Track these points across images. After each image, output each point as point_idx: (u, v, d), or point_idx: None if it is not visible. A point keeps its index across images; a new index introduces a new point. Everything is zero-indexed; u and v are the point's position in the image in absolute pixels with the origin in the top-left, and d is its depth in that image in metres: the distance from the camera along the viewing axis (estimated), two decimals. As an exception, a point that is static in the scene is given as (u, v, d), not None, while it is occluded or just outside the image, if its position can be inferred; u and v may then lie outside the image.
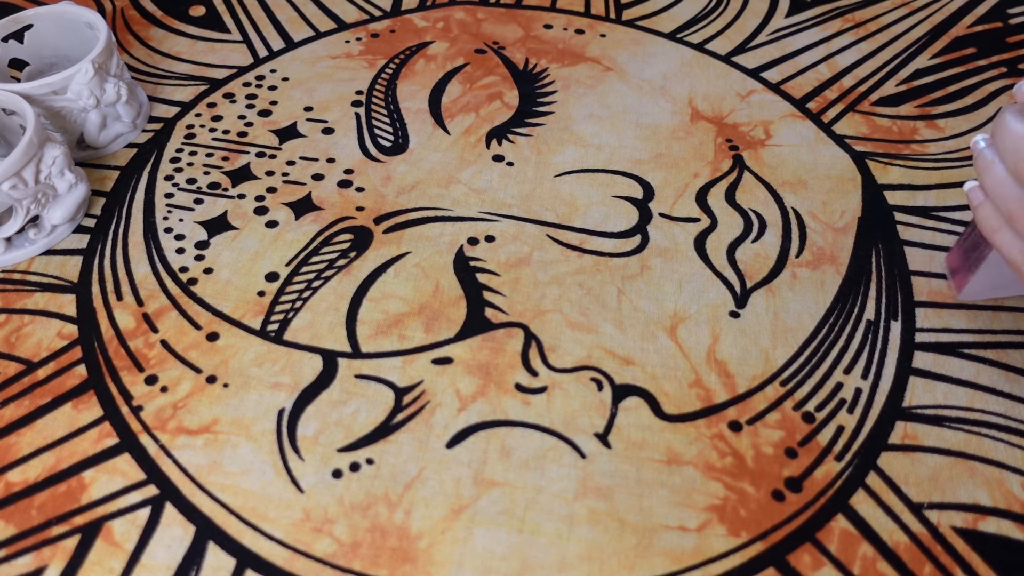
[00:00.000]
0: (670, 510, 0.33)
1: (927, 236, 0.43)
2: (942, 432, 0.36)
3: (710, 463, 0.35)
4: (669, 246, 0.43)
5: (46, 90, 0.44)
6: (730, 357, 0.38)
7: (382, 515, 0.33)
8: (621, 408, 0.37)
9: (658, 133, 0.48)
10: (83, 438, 0.36)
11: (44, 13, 0.47)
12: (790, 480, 0.34)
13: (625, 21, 0.56)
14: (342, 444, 0.35)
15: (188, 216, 0.44)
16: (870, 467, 0.35)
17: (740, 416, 0.36)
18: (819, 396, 0.37)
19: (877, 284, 0.41)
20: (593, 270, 0.42)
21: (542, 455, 0.35)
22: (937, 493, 0.34)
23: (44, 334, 0.39)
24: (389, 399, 0.37)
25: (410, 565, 0.32)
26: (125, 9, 0.57)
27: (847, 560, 0.32)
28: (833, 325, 0.40)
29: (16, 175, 0.39)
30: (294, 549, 0.32)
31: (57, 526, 0.33)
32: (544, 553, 0.32)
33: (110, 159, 0.47)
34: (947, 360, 0.38)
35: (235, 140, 0.48)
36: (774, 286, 0.41)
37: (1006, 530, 0.33)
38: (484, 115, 0.50)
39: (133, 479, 0.34)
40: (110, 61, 0.46)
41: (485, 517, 0.33)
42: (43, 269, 0.42)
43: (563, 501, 0.34)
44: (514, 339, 0.39)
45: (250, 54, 0.54)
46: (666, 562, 0.32)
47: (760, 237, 0.43)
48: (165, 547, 0.32)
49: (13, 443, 0.35)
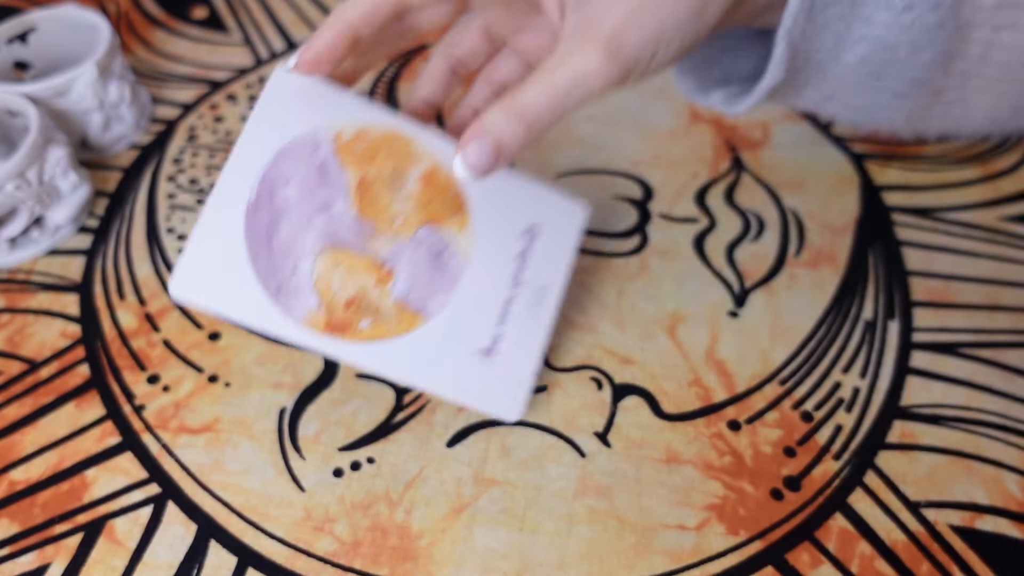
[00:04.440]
0: (669, 509, 0.34)
1: (925, 236, 0.44)
2: (940, 431, 0.36)
3: (709, 462, 0.35)
4: (668, 246, 0.43)
5: (50, 91, 0.44)
6: (729, 357, 0.39)
7: (383, 514, 0.34)
8: (620, 407, 0.37)
9: (657, 134, 0.48)
10: (85, 437, 0.36)
11: (48, 15, 0.48)
12: (789, 479, 0.35)
13: (625, 23, 0.56)
14: (343, 443, 0.36)
15: (190, 217, 0.44)
16: (868, 466, 0.35)
17: (739, 415, 0.37)
18: (817, 395, 0.37)
19: (875, 284, 0.41)
20: (593, 270, 0.42)
21: (542, 454, 0.35)
22: (934, 492, 0.34)
23: (47, 334, 0.39)
24: (390, 398, 0.37)
25: (411, 564, 0.32)
26: (128, 11, 0.57)
27: (845, 559, 0.32)
28: (831, 325, 0.40)
29: (20, 176, 0.40)
30: (295, 548, 0.33)
31: (60, 524, 0.33)
32: (544, 552, 0.33)
33: (113, 160, 0.48)
34: (945, 360, 0.38)
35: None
36: (773, 286, 0.41)
37: (1003, 528, 0.33)
38: (484, 116, 0.50)
39: (135, 478, 0.35)
40: (113, 63, 0.46)
41: (485, 516, 0.33)
42: (46, 269, 0.42)
43: (563, 500, 0.34)
44: (514, 339, 0.39)
45: (252, 56, 0.54)
46: (665, 561, 0.32)
47: (759, 237, 0.43)
48: (167, 545, 0.33)
49: (16, 442, 0.36)
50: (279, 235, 0.31)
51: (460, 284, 0.33)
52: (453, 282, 0.33)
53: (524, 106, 0.31)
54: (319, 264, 0.31)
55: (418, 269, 0.33)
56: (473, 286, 0.33)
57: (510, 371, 0.34)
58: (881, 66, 0.36)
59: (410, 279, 0.33)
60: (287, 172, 0.31)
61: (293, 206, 0.31)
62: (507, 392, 0.34)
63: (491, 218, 0.34)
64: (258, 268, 0.30)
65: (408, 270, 0.33)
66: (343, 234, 0.32)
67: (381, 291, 0.32)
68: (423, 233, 0.33)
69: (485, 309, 0.33)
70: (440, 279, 0.33)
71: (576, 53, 0.31)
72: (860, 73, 0.36)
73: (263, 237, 0.31)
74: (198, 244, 0.30)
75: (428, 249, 0.33)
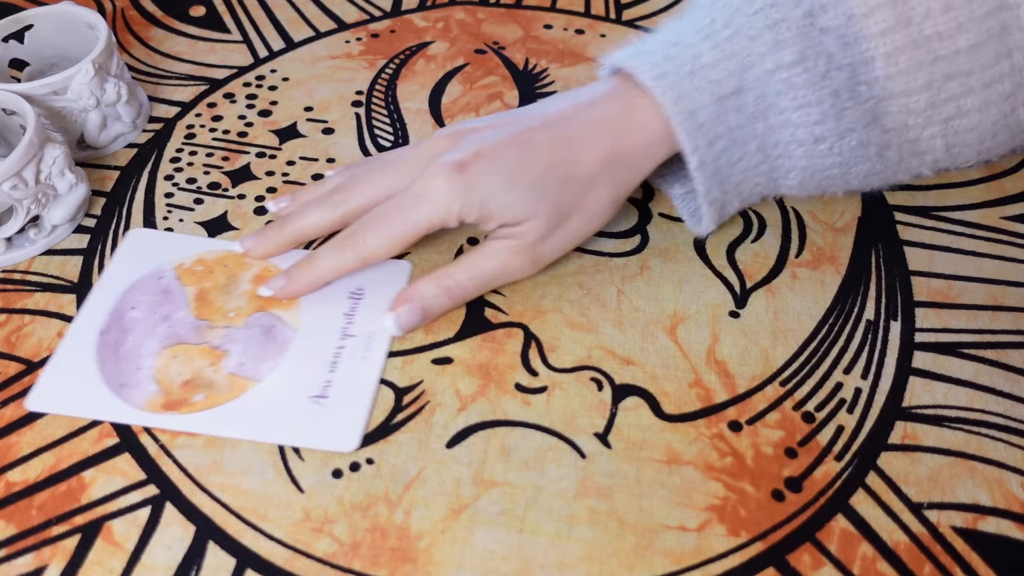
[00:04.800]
0: (670, 510, 0.34)
1: (927, 236, 0.43)
2: (942, 432, 0.36)
3: (710, 463, 0.35)
4: (669, 246, 0.43)
5: (46, 90, 0.44)
6: (730, 357, 0.38)
7: (382, 515, 0.33)
8: (621, 408, 0.37)
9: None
10: (83, 438, 0.36)
11: (44, 13, 0.47)
12: (790, 480, 0.35)
13: (625, 21, 0.56)
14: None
15: (188, 216, 0.44)
16: (870, 467, 0.35)
17: (740, 416, 0.36)
18: (819, 396, 0.37)
19: (877, 284, 0.41)
20: (593, 270, 0.42)
21: (542, 455, 0.35)
22: (937, 493, 0.34)
23: (44, 334, 0.39)
24: (389, 399, 0.37)
25: (410, 565, 0.32)
26: (125, 9, 0.57)
27: (847, 560, 0.32)
28: (833, 325, 0.40)
29: (16, 175, 0.39)
30: (294, 549, 0.32)
31: (57, 526, 0.33)
32: (544, 553, 0.32)
33: (110, 159, 0.47)
34: (947, 360, 0.38)
35: (235, 140, 0.48)
36: (774, 286, 0.41)
37: (1006, 530, 0.33)
38: (484, 115, 0.50)
39: (133, 479, 0.34)
40: (110, 61, 0.46)
41: (485, 517, 0.33)
42: (43, 269, 0.42)
43: (563, 501, 0.34)
44: (514, 339, 0.39)
45: (250, 54, 0.54)
46: (666, 562, 0.32)
47: (760, 237, 0.43)
48: (165, 547, 0.33)
49: (13, 443, 0.36)
50: (126, 346, 0.38)
51: (289, 349, 0.38)
52: (283, 349, 0.38)
53: (452, 287, 0.38)
54: (159, 360, 0.37)
55: (250, 345, 0.38)
56: (302, 347, 0.38)
57: (344, 409, 0.36)
58: (824, 181, 0.39)
59: (242, 354, 0.38)
60: (134, 300, 0.40)
61: (139, 323, 0.39)
62: (342, 427, 0.35)
63: (318, 292, 0.40)
64: (106, 374, 0.37)
65: (240, 347, 0.38)
66: (183, 334, 0.38)
67: (215, 368, 0.37)
68: (255, 317, 0.39)
69: (315, 363, 0.37)
70: (271, 348, 0.38)
71: (505, 254, 0.38)
72: (807, 188, 0.39)
73: (112, 350, 0.38)
74: (54, 367, 0.37)
75: (260, 328, 0.39)
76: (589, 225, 0.39)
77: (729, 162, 0.37)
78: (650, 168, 0.39)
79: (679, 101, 0.36)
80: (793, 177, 0.38)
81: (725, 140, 0.36)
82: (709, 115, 0.36)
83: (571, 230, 0.38)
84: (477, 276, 0.38)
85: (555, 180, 0.37)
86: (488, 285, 0.39)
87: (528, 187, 0.36)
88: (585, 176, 0.37)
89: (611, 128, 0.37)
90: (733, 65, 0.36)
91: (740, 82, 0.36)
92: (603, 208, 0.39)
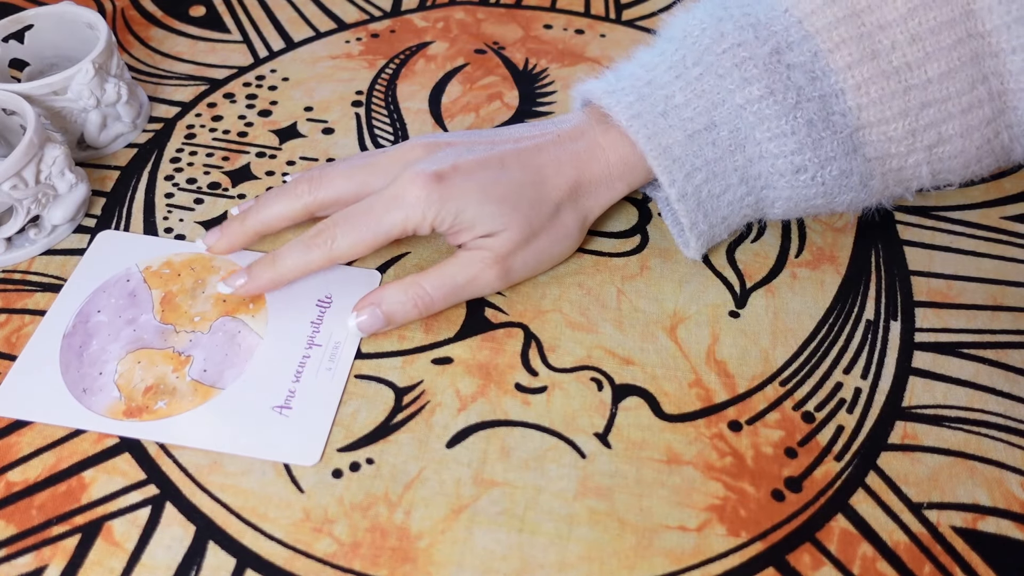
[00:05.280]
0: (670, 510, 0.34)
1: (927, 236, 0.43)
2: (942, 432, 0.36)
3: (710, 463, 0.35)
4: (669, 246, 0.43)
5: (46, 90, 0.44)
6: (730, 357, 0.38)
7: (382, 515, 0.33)
8: (621, 408, 0.37)
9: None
10: (83, 438, 0.36)
11: (44, 13, 0.47)
12: (790, 480, 0.35)
13: (625, 21, 0.56)
14: (342, 444, 0.35)
15: (188, 216, 0.44)
16: (870, 467, 0.35)
17: (740, 416, 0.36)
18: (819, 396, 0.37)
19: (877, 284, 0.41)
20: (593, 270, 0.42)
21: (542, 455, 0.35)
22: (937, 493, 0.34)
23: (44, 334, 0.39)
24: (389, 399, 0.37)
25: (410, 565, 0.32)
26: (125, 9, 0.57)
27: (847, 560, 0.32)
28: (833, 325, 0.40)
29: (17, 175, 0.39)
30: (294, 549, 0.33)
31: (57, 526, 0.33)
32: (544, 553, 0.32)
33: (110, 159, 0.47)
34: (947, 360, 0.38)
35: (235, 140, 0.48)
36: (774, 286, 0.41)
37: (1005, 530, 0.33)
38: (484, 115, 0.50)
39: (133, 479, 0.34)
40: (110, 61, 0.46)
41: (485, 517, 0.33)
42: (43, 269, 0.42)
43: (563, 501, 0.34)
44: (514, 339, 0.39)
45: (250, 54, 0.54)
46: (666, 562, 0.32)
47: (760, 237, 0.43)
48: (165, 547, 0.33)
49: (13, 443, 0.36)
50: (89, 350, 0.38)
51: (254, 357, 0.38)
52: (247, 356, 0.38)
53: (420, 295, 0.37)
54: (121, 365, 0.37)
55: (214, 351, 0.38)
56: (267, 355, 0.38)
57: (307, 421, 0.36)
58: (810, 209, 0.39)
59: (206, 361, 0.37)
60: (100, 303, 0.40)
61: (104, 327, 0.39)
62: (304, 439, 0.35)
63: (285, 298, 0.40)
64: (68, 379, 0.37)
65: (204, 354, 0.38)
66: (147, 338, 0.38)
67: (179, 375, 0.37)
68: (220, 322, 0.39)
69: (279, 372, 0.37)
70: (235, 355, 0.38)
71: (477, 264, 0.38)
72: (794, 213, 0.40)
73: (75, 354, 0.38)
74: (18, 371, 0.37)
75: (225, 334, 0.38)
76: (555, 247, 0.40)
77: (712, 194, 0.37)
78: (618, 196, 0.40)
79: (652, 139, 0.37)
80: (779, 207, 0.39)
81: (704, 172, 0.37)
82: (683, 150, 0.37)
83: (540, 249, 0.39)
84: (446, 286, 0.38)
85: (526, 199, 0.38)
86: (457, 297, 0.38)
87: (501, 201, 0.37)
88: (554, 199, 0.38)
89: (578, 161, 0.39)
90: (704, 103, 0.37)
91: (711, 118, 0.37)
92: (569, 232, 0.40)
